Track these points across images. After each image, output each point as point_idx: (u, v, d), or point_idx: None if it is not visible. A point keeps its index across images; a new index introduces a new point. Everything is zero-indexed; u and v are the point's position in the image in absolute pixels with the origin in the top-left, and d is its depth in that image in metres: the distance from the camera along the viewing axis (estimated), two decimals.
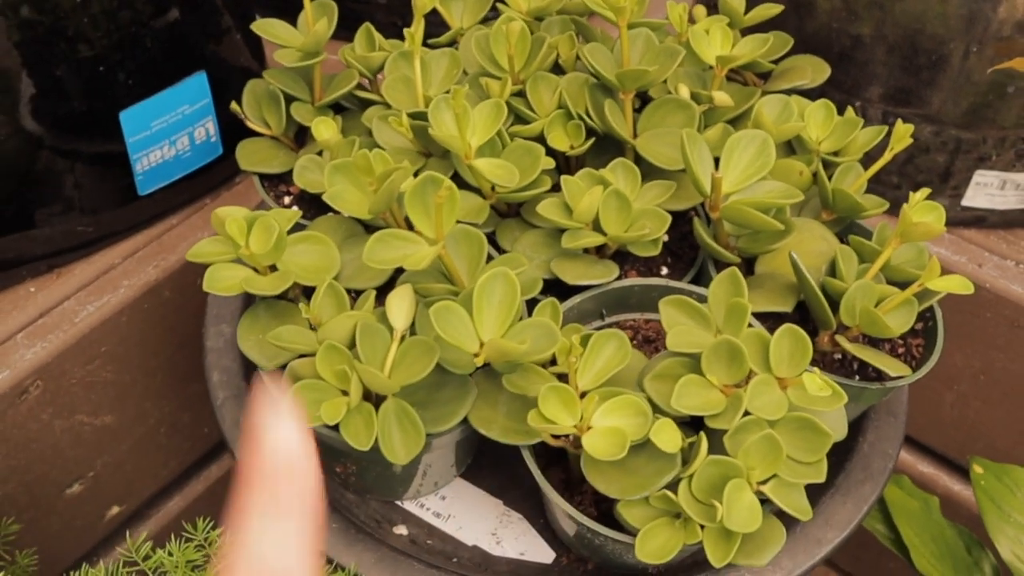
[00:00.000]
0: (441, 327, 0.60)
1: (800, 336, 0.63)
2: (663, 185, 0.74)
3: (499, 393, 0.66)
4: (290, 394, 0.62)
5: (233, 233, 0.66)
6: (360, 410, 0.63)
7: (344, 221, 0.74)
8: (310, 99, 0.83)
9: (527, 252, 0.73)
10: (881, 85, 0.94)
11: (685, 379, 0.62)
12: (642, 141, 0.77)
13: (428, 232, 0.64)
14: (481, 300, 0.61)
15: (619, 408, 0.61)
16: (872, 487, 0.78)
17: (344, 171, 0.70)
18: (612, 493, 0.61)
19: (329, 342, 0.62)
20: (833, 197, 0.76)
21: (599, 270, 0.72)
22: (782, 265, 0.75)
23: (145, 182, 0.91)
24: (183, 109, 0.90)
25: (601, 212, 0.71)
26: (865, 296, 0.70)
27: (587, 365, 0.63)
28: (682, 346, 0.63)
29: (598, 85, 0.78)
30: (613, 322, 0.73)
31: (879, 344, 0.76)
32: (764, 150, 0.71)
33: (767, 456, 0.60)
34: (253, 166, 0.81)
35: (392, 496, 0.79)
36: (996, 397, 1.02)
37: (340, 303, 0.66)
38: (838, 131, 0.80)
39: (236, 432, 0.78)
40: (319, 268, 0.69)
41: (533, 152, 0.74)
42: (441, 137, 0.70)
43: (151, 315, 0.93)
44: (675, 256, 0.79)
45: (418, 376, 0.62)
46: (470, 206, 0.74)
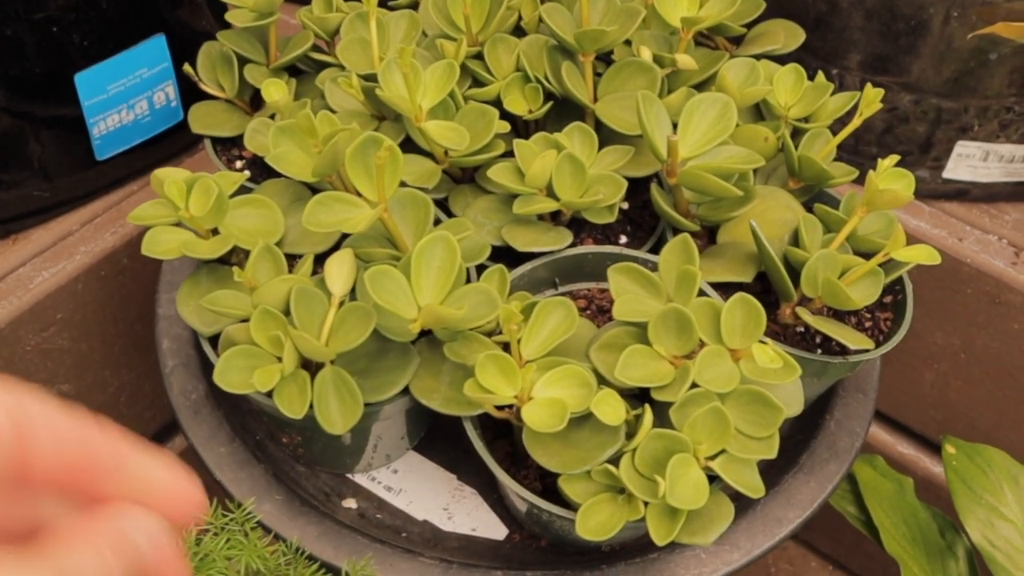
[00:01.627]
0: (376, 292, 0.57)
1: (753, 306, 0.60)
2: (621, 150, 0.72)
3: (443, 363, 0.64)
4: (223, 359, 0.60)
5: (172, 195, 0.64)
6: (295, 377, 0.60)
7: (292, 185, 0.72)
8: (265, 61, 0.81)
9: (478, 218, 0.71)
10: (859, 52, 0.91)
11: (631, 349, 0.59)
12: (602, 106, 0.74)
13: (370, 194, 0.62)
14: (420, 265, 0.59)
15: (561, 378, 0.59)
16: (838, 466, 0.76)
17: (289, 133, 0.68)
18: (553, 467, 0.59)
19: (263, 307, 0.60)
20: (799, 164, 0.73)
21: (551, 237, 0.69)
22: (745, 234, 0.73)
23: (103, 147, 0.88)
24: (141, 73, 0.87)
25: (554, 177, 0.68)
26: (827, 266, 0.68)
27: (532, 334, 0.61)
28: (629, 315, 0.60)
29: (557, 47, 0.75)
30: (566, 291, 0.71)
31: (845, 318, 0.73)
32: (725, 114, 0.68)
33: (714, 430, 0.58)
34: (205, 129, 0.79)
35: (342, 469, 0.77)
36: (977, 376, 0.99)
37: (278, 267, 0.64)
38: (808, 97, 0.77)
39: (183, 401, 0.76)
40: (262, 232, 0.67)
41: (487, 115, 0.71)
42: (389, 98, 0.68)
43: (109, 283, 0.91)
44: (635, 225, 0.76)
45: (354, 343, 0.59)
46: (421, 170, 0.72)
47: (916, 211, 0.96)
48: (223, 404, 0.77)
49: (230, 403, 0.77)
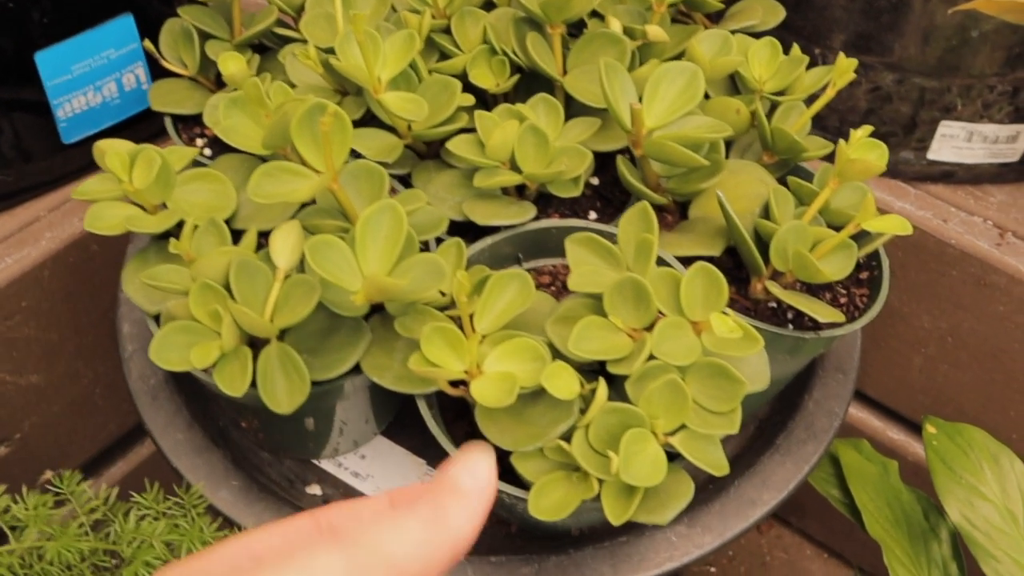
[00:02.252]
0: (318, 263, 0.53)
1: (714, 275, 0.56)
2: (587, 122, 0.68)
3: (397, 340, 0.59)
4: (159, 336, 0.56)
5: (114, 167, 0.60)
6: (237, 354, 0.56)
7: (248, 161, 0.68)
8: (229, 37, 0.77)
9: (440, 193, 0.67)
10: (841, 31, 0.86)
11: (586, 320, 0.55)
12: (571, 78, 0.70)
13: (318, 164, 0.58)
14: (365, 234, 0.55)
15: (513, 352, 0.55)
16: (815, 447, 0.72)
17: (240, 105, 0.64)
18: (505, 444, 0.54)
19: (203, 280, 0.56)
20: (772, 137, 0.69)
21: (513, 210, 0.65)
22: (716, 209, 0.68)
23: (70, 130, 0.85)
24: (108, 53, 0.84)
25: (517, 149, 0.64)
26: (797, 238, 0.63)
27: (486, 308, 0.57)
28: (585, 286, 0.56)
29: (525, 19, 0.71)
30: (530, 268, 0.67)
31: (819, 294, 0.69)
32: (693, 83, 0.64)
33: (672, 404, 0.53)
34: (165, 107, 0.75)
35: (307, 455, 0.73)
36: (964, 359, 0.95)
37: (222, 240, 0.60)
38: (783, 70, 0.73)
39: (141, 386, 0.72)
40: (213, 207, 0.63)
41: (450, 87, 0.67)
42: (346, 69, 0.64)
43: (78, 270, 0.87)
44: (605, 201, 0.72)
45: (299, 317, 0.56)
46: (382, 145, 0.68)
47: (901, 193, 0.92)
48: (183, 390, 0.73)
49: (191, 389, 0.73)
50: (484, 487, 0.38)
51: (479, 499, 0.37)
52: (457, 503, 0.37)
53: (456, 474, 0.38)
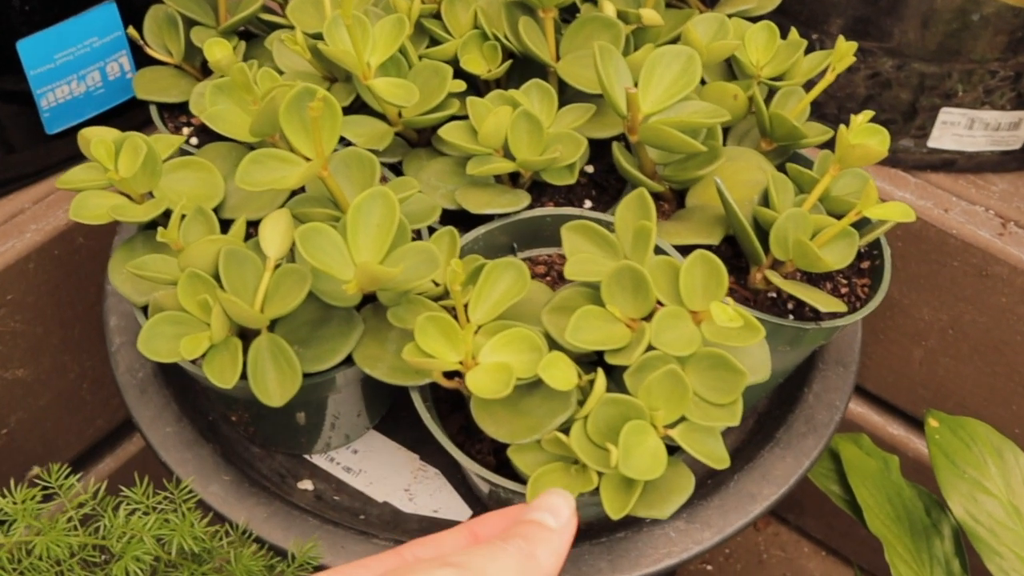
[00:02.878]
0: (309, 251, 0.52)
1: (713, 264, 0.55)
2: (581, 108, 0.67)
3: (390, 330, 0.59)
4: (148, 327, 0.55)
5: (99, 155, 0.59)
6: (226, 345, 0.56)
7: (235, 149, 0.67)
8: (215, 23, 0.76)
9: (432, 181, 0.66)
10: (840, 16, 0.86)
11: (583, 310, 0.54)
12: (564, 64, 0.69)
13: (307, 151, 0.57)
14: (357, 223, 0.54)
15: (509, 342, 0.54)
16: (815, 440, 0.71)
17: (227, 91, 0.63)
18: (501, 437, 0.54)
19: (191, 270, 0.55)
20: (771, 122, 0.69)
21: (507, 199, 0.65)
22: (714, 197, 0.68)
23: (53, 120, 0.84)
24: (91, 42, 0.83)
25: (510, 136, 0.64)
26: (797, 226, 0.63)
27: (481, 297, 0.56)
28: (582, 274, 0.56)
29: (517, 3, 0.71)
30: (525, 257, 0.66)
31: (820, 284, 0.68)
32: (689, 67, 0.63)
33: (671, 395, 0.53)
34: (150, 95, 0.74)
35: (298, 449, 0.72)
36: (965, 352, 0.94)
37: (210, 229, 0.59)
38: (781, 55, 0.72)
39: (129, 380, 0.71)
40: (200, 196, 0.62)
41: (440, 73, 0.66)
42: (335, 54, 0.63)
43: (63, 262, 0.86)
44: (600, 189, 0.71)
45: (290, 307, 0.55)
46: (372, 132, 0.67)
47: (901, 182, 0.91)
48: (172, 383, 0.72)
49: (180, 382, 0.73)
50: (566, 527, 0.44)
51: (562, 539, 0.43)
52: (544, 541, 0.42)
53: (542, 515, 0.43)
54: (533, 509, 0.44)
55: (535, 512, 0.44)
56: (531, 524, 0.43)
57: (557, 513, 0.44)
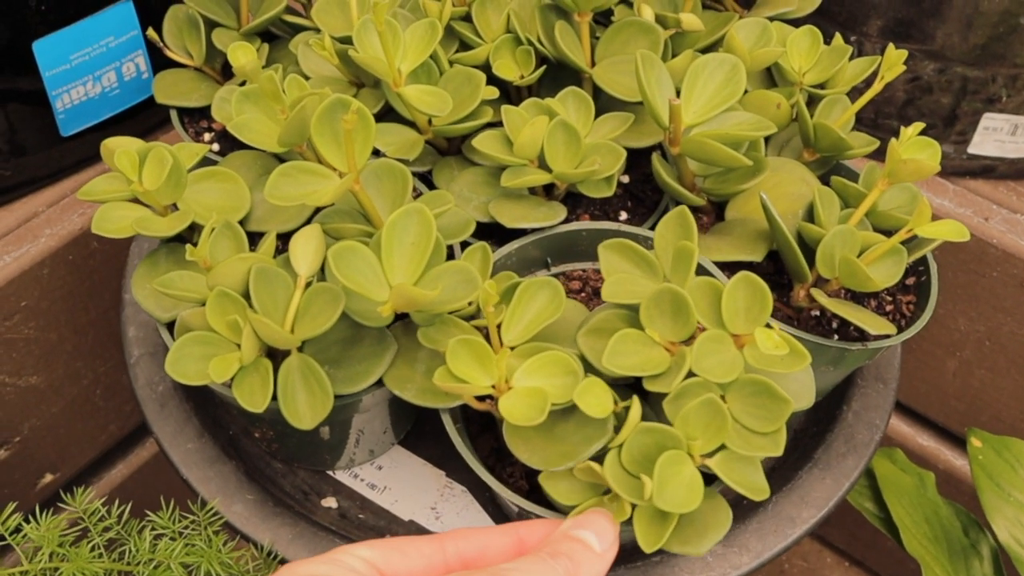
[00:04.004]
0: (342, 271, 0.51)
1: (757, 286, 0.54)
2: (619, 117, 0.65)
3: (419, 350, 0.57)
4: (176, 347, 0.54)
5: (123, 167, 0.58)
6: (256, 367, 0.54)
7: (261, 158, 0.66)
8: (236, 25, 0.74)
9: (464, 192, 0.65)
10: (880, 17, 0.84)
11: (621, 334, 0.53)
12: (600, 70, 0.68)
13: (339, 164, 0.56)
14: (391, 241, 0.53)
15: (544, 366, 0.53)
16: (855, 461, 0.70)
17: (253, 99, 0.62)
18: (534, 463, 0.52)
19: (220, 288, 0.54)
20: (815, 133, 0.67)
21: (542, 212, 0.63)
22: (755, 210, 0.66)
23: (68, 122, 0.83)
24: (108, 41, 0.81)
25: (546, 146, 0.62)
26: (845, 243, 0.61)
27: (514, 317, 0.55)
28: (620, 296, 0.54)
29: (551, 6, 0.69)
30: (559, 272, 0.65)
31: (864, 301, 0.67)
32: (733, 77, 0.62)
33: (710, 424, 0.51)
34: (170, 99, 0.73)
35: (322, 465, 0.71)
36: (1002, 365, 0.93)
37: (238, 245, 0.58)
38: (824, 61, 0.71)
39: (149, 393, 0.70)
40: (225, 208, 0.61)
41: (473, 80, 0.65)
42: (365, 60, 0.62)
43: (78, 267, 0.85)
44: (637, 201, 0.70)
45: (322, 328, 0.53)
46: (402, 140, 0.66)
47: (939, 189, 0.89)
48: (192, 397, 0.71)
49: (200, 396, 0.71)
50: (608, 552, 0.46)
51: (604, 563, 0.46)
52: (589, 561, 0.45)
53: (588, 536, 0.46)
54: (580, 526, 0.47)
55: (582, 530, 0.46)
56: (577, 543, 0.45)
57: (603, 536, 0.47)
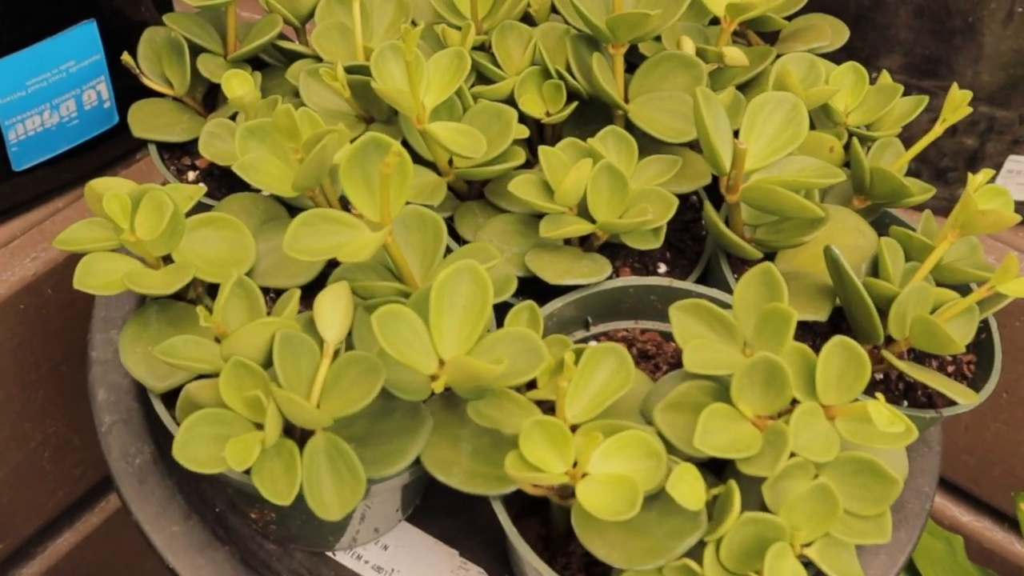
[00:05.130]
0: (388, 340, 0.44)
1: (855, 353, 0.48)
2: (666, 160, 0.59)
3: (462, 425, 0.50)
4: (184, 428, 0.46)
5: (113, 213, 0.50)
6: (279, 450, 0.47)
7: (262, 200, 0.58)
8: (223, 51, 0.67)
9: (495, 243, 0.58)
10: (903, 53, 0.80)
11: (711, 409, 0.47)
12: (636, 107, 0.62)
13: (371, 213, 0.49)
14: (441, 303, 0.46)
15: (623, 448, 0.46)
16: (908, 533, 0.64)
17: (261, 135, 0.54)
18: (617, 562, 0.46)
19: (237, 358, 0.46)
20: (871, 179, 0.62)
21: (587, 266, 0.57)
22: (808, 262, 0.61)
23: (21, 155, 0.74)
24: (68, 66, 0.73)
25: (590, 193, 0.56)
26: (919, 302, 0.56)
27: (578, 390, 0.48)
28: (704, 366, 0.48)
29: (581, 36, 0.63)
30: (601, 332, 0.58)
31: (925, 361, 0.62)
32: (794, 118, 0.56)
33: (818, 512, 0.45)
34: (149, 132, 0.65)
35: (322, 546, 0.63)
36: (1019, 418, 0.89)
37: (253, 306, 0.50)
38: (870, 100, 0.66)
39: (125, 467, 0.62)
40: (227, 260, 0.53)
41: (503, 116, 0.58)
42: (387, 93, 0.55)
43: (29, 317, 0.76)
44: (676, 250, 0.64)
45: (357, 405, 0.46)
46: (423, 184, 0.59)
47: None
48: (176, 470, 0.62)
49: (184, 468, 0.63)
50: None
51: None
52: None
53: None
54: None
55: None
56: None
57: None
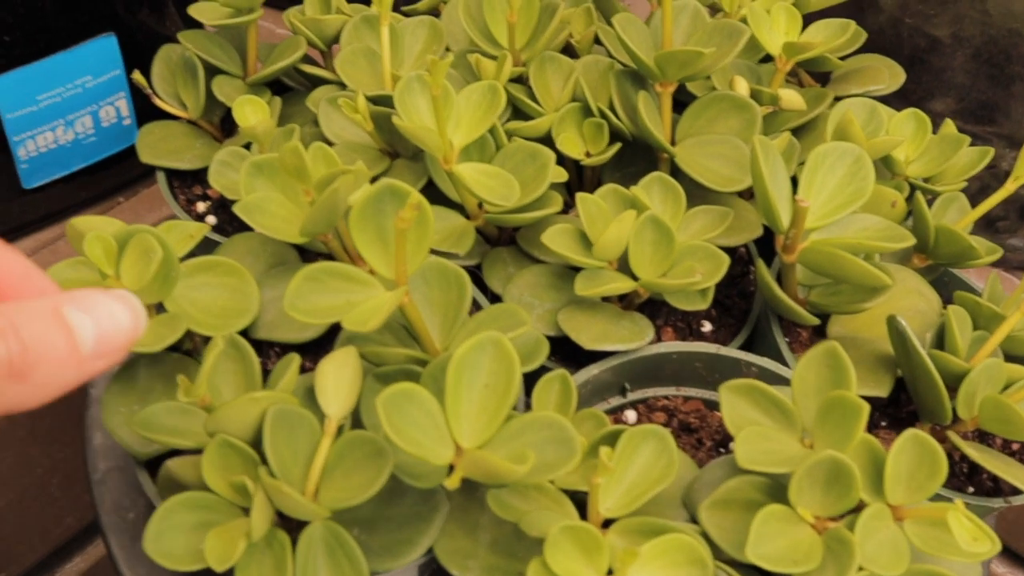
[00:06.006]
0: (395, 426, 0.34)
1: (930, 449, 0.39)
2: (716, 212, 0.50)
3: (481, 511, 0.41)
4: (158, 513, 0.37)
5: (95, 257, 0.41)
6: (269, 543, 0.37)
7: (270, 242, 0.49)
8: (241, 72, 0.58)
9: (525, 297, 0.48)
10: (961, 98, 0.70)
11: (766, 512, 0.37)
12: (683, 151, 0.52)
13: (384, 270, 0.39)
14: (459, 382, 0.36)
15: (664, 553, 0.37)
16: None
17: (269, 172, 0.45)
18: None
19: (223, 437, 0.37)
20: (936, 238, 0.52)
21: (626, 328, 0.47)
22: (864, 327, 0.51)
23: (31, 173, 0.65)
24: (84, 81, 0.64)
25: (632, 247, 0.46)
26: (990, 380, 0.46)
27: (614, 479, 0.39)
28: (760, 462, 0.38)
29: (627, 72, 0.53)
30: (639, 399, 0.49)
31: (988, 440, 0.52)
32: (858, 171, 0.46)
33: None
34: (158, 158, 0.56)
35: None
36: None
37: (247, 371, 0.41)
38: (933, 150, 0.56)
39: (116, 521, 0.53)
40: (227, 311, 0.44)
41: (539, 158, 0.49)
42: (411, 130, 0.45)
43: None
44: (721, 307, 0.54)
45: (360, 496, 0.37)
46: (449, 228, 0.50)
47: (1008, 286, 0.75)
48: None
49: None
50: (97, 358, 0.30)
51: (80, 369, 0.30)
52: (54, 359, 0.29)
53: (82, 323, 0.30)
54: (79, 306, 0.30)
55: (78, 313, 0.30)
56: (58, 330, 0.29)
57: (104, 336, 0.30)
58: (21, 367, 0.28)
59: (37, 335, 0.29)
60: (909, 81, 0.70)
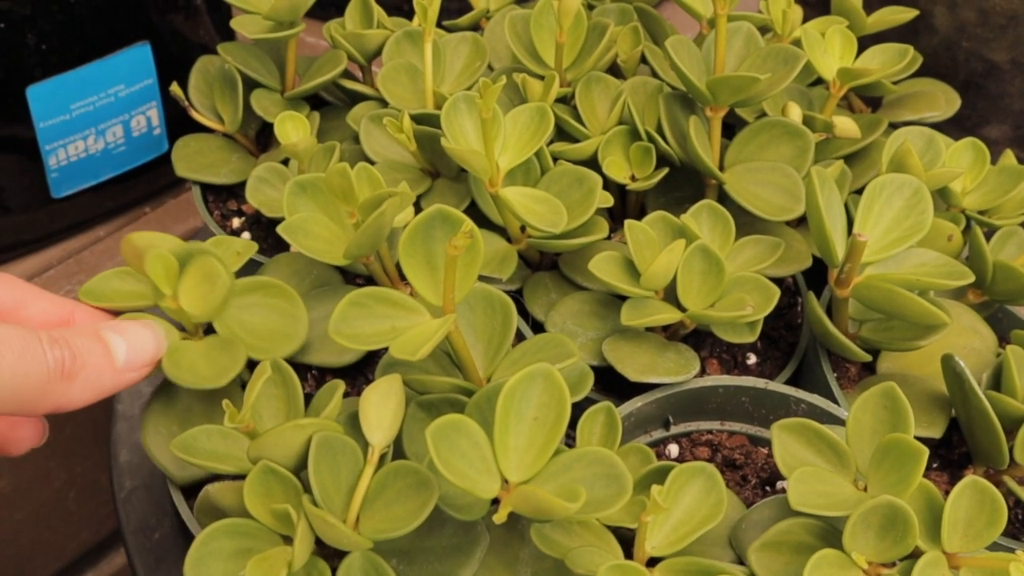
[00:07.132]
0: (443, 459, 0.35)
1: (990, 496, 0.39)
2: (767, 243, 0.50)
3: (522, 544, 0.42)
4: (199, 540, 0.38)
5: (157, 276, 0.42)
6: (309, 573, 0.38)
7: (317, 263, 0.50)
8: (280, 86, 0.59)
9: (568, 325, 0.49)
10: (1014, 124, 0.70)
11: (819, 556, 0.38)
12: (732, 177, 0.53)
13: (431, 296, 0.40)
14: (508, 414, 0.37)
15: None
16: None
17: (312, 192, 0.46)
18: None
19: (266, 463, 0.38)
20: (994, 274, 0.53)
21: (672, 360, 0.48)
22: (916, 365, 0.52)
23: (61, 181, 0.66)
24: (117, 90, 0.65)
25: (680, 277, 0.47)
26: None
27: (659, 516, 0.40)
28: (813, 504, 0.39)
29: (676, 95, 0.54)
30: (683, 433, 0.49)
31: None
32: (916, 205, 0.47)
33: None
34: (193, 172, 0.57)
35: None
36: None
37: (290, 396, 0.42)
38: (991, 182, 0.57)
39: (142, 541, 0.54)
40: (276, 334, 0.45)
41: (586, 183, 0.50)
42: (459, 153, 0.46)
43: None
44: (767, 339, 0.55)
45: (403, 527, 0.38)
46: (491, 252, 0.51)
47: None
48: None
49: None
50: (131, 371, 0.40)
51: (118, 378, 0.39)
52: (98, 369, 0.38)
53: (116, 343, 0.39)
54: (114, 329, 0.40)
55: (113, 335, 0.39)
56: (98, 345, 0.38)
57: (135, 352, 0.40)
58: (71, 369, 0.37)
59: (83, 346, 0.38)
60: (964, 107, 0.70)
